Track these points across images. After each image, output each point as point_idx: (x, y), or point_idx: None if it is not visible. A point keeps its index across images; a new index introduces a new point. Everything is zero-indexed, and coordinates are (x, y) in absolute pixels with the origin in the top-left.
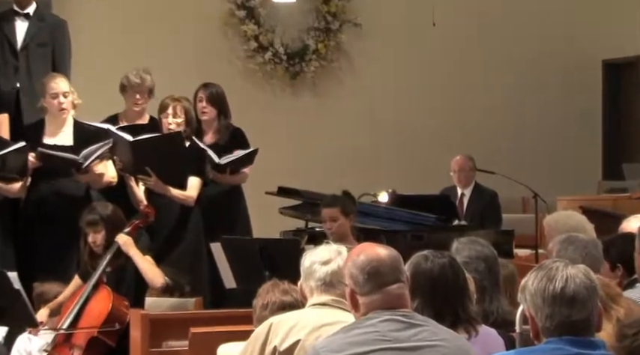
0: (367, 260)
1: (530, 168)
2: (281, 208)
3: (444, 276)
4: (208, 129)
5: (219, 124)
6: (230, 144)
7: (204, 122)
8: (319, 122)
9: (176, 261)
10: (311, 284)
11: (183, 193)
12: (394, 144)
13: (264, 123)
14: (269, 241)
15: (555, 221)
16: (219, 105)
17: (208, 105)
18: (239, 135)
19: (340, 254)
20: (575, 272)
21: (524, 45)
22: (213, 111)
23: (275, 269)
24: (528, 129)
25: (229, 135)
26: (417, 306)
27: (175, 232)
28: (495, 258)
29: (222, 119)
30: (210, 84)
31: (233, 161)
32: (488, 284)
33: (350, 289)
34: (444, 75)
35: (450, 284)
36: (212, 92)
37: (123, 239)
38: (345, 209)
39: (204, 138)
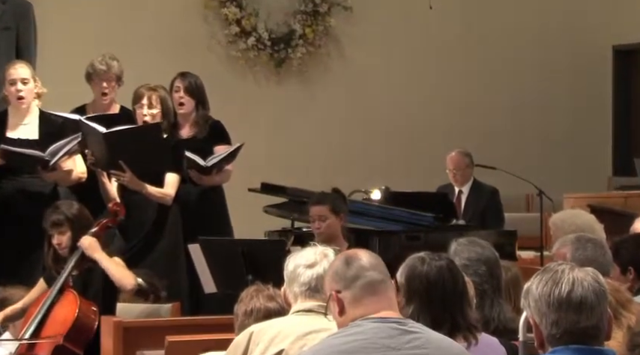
0: (345, 255)
1: (534, 163)
2: (265, 206)
3: (441, 280)
4: (185, 122)
5: (197, 116)
6: (209, 138)
7: (181, 114)
8: (306, 113)
9: (152, 263)
10: (295, 290)
11: (161, 190)
12: (388, 138)
13: (246, 114)
14: (252, 242)
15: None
16: (198, 96)
17: (186, 95)
18: (218, 128)
19: (326, 256)
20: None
21: (529, 30)
22: (192, 102)
23: (259, 273)
24: (532, 121)
25: (208, 129)
26: (412, 312)
27: (151, 233)
28: (497, 261)
29: (201, 110)
30: (188, 73)
31: (220, 161)
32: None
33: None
34: (442, 62)
35: (447, 288)
36: (190, 82)
37: (87, 242)
38: (335, 207)
39: (181, 131)
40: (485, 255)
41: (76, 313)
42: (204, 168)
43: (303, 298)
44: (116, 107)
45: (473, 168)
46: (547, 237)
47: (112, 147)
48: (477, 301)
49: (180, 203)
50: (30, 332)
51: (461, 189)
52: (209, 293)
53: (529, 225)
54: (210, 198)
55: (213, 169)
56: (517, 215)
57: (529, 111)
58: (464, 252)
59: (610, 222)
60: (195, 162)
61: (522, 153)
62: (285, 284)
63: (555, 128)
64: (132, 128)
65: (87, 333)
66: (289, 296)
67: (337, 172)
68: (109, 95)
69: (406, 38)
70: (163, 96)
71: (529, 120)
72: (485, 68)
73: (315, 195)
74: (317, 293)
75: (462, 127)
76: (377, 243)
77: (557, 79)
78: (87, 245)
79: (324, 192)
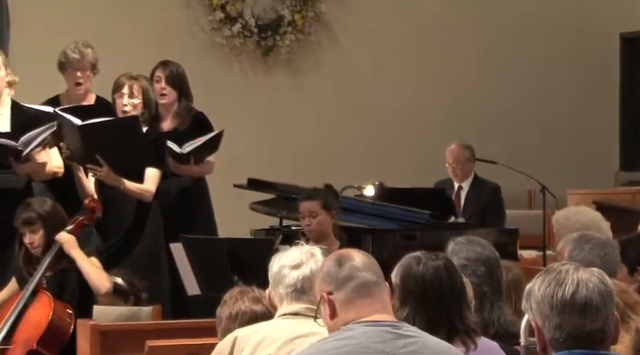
0: (337, 255)
1: (536, 157)
2: (252, 203)
3: (438, 281)
4: (166, 114)
5: (179, 108)
6: (191, 130)
7: (163, 105)
8: (295, 105)
9: (131, 263)
10: (280, 292)
11: (140, 186)
12: (382, 131)
13: (231, 105)
14: (238, 241)
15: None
16: (180, 86)
17: (168, 86)
18: (201, 119)
19: (313, 256)
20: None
21: (532, 17)
22: (173, 93)
23: (245, 274)
24: (535, 113)
25: (190, 120)
26: (408, 315)
27: (130, 231)
28: (497, 261)
29: (183, 101)
30: (169, 62)
31: (196, 148)
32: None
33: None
34: (440, 51)
35: (445, 289)
36: (172, 71)
37: (64, 237)
38: (327, 203)
39: (162, 123)
40: (484, 254)
41: (50, 316)
42: (180, 156)
43: (289, 300)
44: (92, 97)
45: (474, 163)
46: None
47: (87, 140)
48: (476, 303)
49: (161, 199)
50: (1, 336)
51: (461, 185)
52: (192, 295)
53: (531, 222)
54: (193, 194)
55: (190, 158)
56: (519, 212)
57: (531, 102)
58: (462, 251)
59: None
60: (171, 150)
61: (524, 147)
62: (270, 286)
63: (559, 120)
64: (109, 120)
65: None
66: (274, 298)
67: (328, 167)
68: (83, 85)
69: (401, 25)
70: (145, 86)
71: (531, 112)
72: (485, 57)
73: (305, 190)
74: (304, 295)
75: (460, 119)
76: (370, 242)
77: (561, 68)
78: (65, 241)
79: (316, 188)
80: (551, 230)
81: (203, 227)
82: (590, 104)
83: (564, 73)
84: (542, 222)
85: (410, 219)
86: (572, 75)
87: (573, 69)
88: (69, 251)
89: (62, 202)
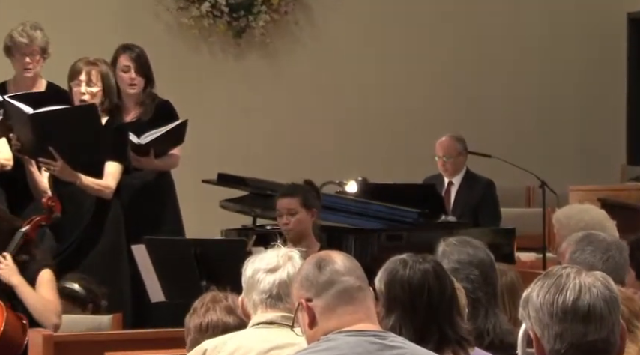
0: (316, 257)
1: (535, 150)
2: (222, 201)
3: (426, 286)
4: (129, 102)
5: (143, 95)
6: (155, 121)
7: (128, 95)
8: (271, 92)
9: (89, 267)
10: (254, 298)
11: (99, 182)
12: (366, 121)
13: (200, 93)
14: (207, 242)
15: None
16: (147, 73)
17: (138, 75)
18: (167, 108)
19: (291, 259)
20: (591, 280)
21: None
22: (142, 81)
23: (214, 279)
24: (534, 102)
25: (154, 109)
26: (394, 324)
27: (88, 231)
28: (492, 264)
29: (148, 89)
30: (133, 46)
31: (157, 139)
32: (484, 296)
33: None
34: (432, 34)
35: (434, 295)
36: (140, 58)
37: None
38: (307, 201)
39: (125, 113)
40: (478, 256)
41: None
42: (139, 147)
43: (263, 308)
44: (42, 83)
45: (466, 157)
46: (550, 236)
47: (40, 131)
48: (470, 311)
49: (122, 197)
50: None
51: (451, 181)
52: (156, 302)
53: (529, 222)
54: (157, 190)
55: (149, 149)
56: (516, 210)
57: (530, 91)
58: (453, 253)
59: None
60: (129, 141)
61: (521, 139)
62: (243, 292)
63: (560, 109)
64: (63, 109)
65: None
66: (248, 305)
67: (307, 161)
68: (32, 70)
69: (388, 5)
70: (104, 72)
71: (530, 101)
72: (480, 38)
73: (283, 187)
74: (280, 301)
75: (451, 109)
76: (353, 244)
77: (563, 51)
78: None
79: (294, 184)
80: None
81: (169, 227)
82: (595, 92)
83: (566, 58)
84: (541, 221)
85: (396, 218)
86: (576, 62)
87: (577, 55)
88: (8, 280)
89: (11, 199)
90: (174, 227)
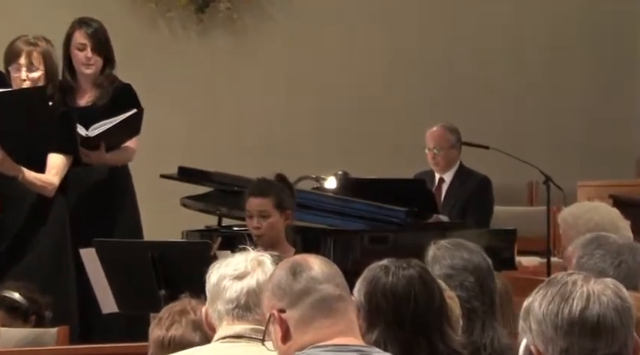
0: (291, 262)
1: (539, 141)
2: (183, 198)
3: (412, 294)
4: (84, 84)
5: (100, 77)
6: (113, 106)
7: (84, 75)
8: (238, 75)
9: (29, 274)
10: (219, 308)
11: (41, 177)
12: (347, 109)
13: (158, 75)
14: (166, 245)
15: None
16: (106, 51)
17: (95, 54)
18: (126, 94)
19: (261, 265)
20: (601, 288)
21: None
22: (100, 61)
23: (175, 287)
24: (538, 88)
25: (112, 94)
26: (377, 339)
27: (29, 232)
28: (490, 269)
29: (107, 69)
30: (89, 20)
31: (108, 131)
32: (480, 307)
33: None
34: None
35: (420, 304)
36: (98, 34)
37: None
38: (281, 201)
39: (76, 97)
40: (473, 261)
41: None
42: (87, 140)
43: (230, 319)
44: None
45: (460, 150)
46: (556, 239)
47: None
48: (464, 323)
49: (68, 193)
50: None
51: (442, 177)
52: (108, 313)
53: (532, 222)
54: (111, 186)
55: (100, 142)
56: (517, 209)
57: (533, 75)
58: (446, 258)
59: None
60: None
61: (524, 129)
62: (208, 301)
63: (567, 96)
64: (4, 92)
65: None
66: (212, 317)
67: (280, 153)
68: None
69: None
70: (46, 52)
71: (533, 87)
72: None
73: (253, 183)
74: (248, 312)
75: (444, 96)
76: (332, 247)
77: (569, 31)
78: None
79: (267, 180)
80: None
81: (124, 228)
82: (606, 78)
83: (574, 41)
84: (545, 221)
85: (381, 217)
86: (584, 42)
87: (585, 35)
88: None
89: None
90: (131, 228)
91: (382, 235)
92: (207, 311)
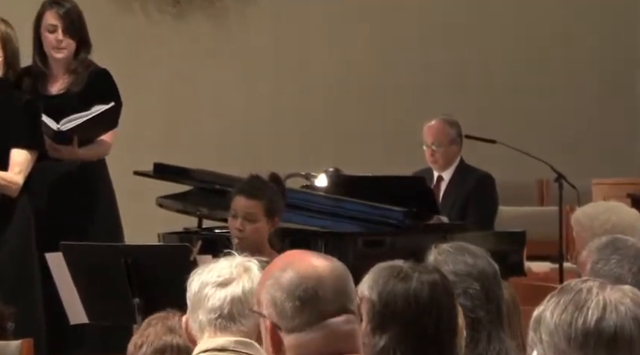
0: (299, 277)
1: (550, 136)
2: (160, 197)
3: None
4: (57, 69)
5: (74, 62)
6: (88, 93)
7: (55, 60)
8: (219, 62)
9: None
10: (201, 318)
11: (4, 175)
12: (338, 99)
13: (132, 62)
14: (141, 249)
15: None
16: (80, 34)
17: (66, 37)
18: (102, 80)
19: (248, 271)
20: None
21: None
22: (73, 44)
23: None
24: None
25: (87, 80)
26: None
27: None
28: (496, 276)
29: (82, 53)
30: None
31: (82, 125)
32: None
33: (270, 323)
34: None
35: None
36: (71, 15)
37: None
38: (272, 207)
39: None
40: (478, 267)
41: None
42: (58, 134)
43: (212, 331)
44: None
45: (460, 146)
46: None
47: None
48: (468, 334)
49: (34, 191)
50: None
51: (441, 175)
52: (76, 323)
53: (543, 223)
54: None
55: (72, 137)
56: (526, 209)
57: (543, 66)
58: (448, 263)
59: None
60: (46, 126)
61: (533, 123)
62: (188, 310)
63: (581, 87)
64: None
65: None
66: (193, 327)
67: (265, 147)
68: None
69: None
70: (5, 35)
71: (543, 78)
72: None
73: (245, 181)
74: (232, 323)
75: (447, 87)
76: (322, 251)
77: (582, 20)
78: None
79: (260, 181)
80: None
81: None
82: (623, 66)
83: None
84: (557, 222)
85: (376, 218)
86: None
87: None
88: None
89: None
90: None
91: (378, 238)
92: (187, 322)
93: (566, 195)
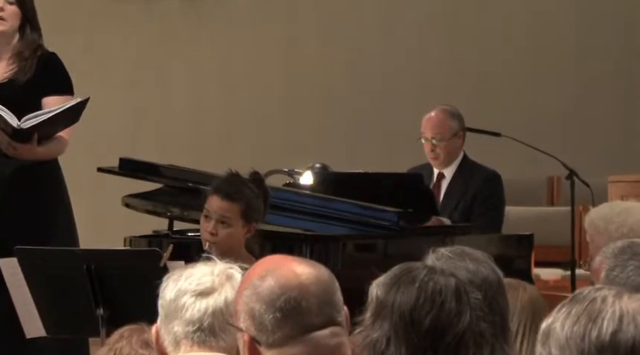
0: (280, 286)
1: (560, 128)
2: (126, 196)
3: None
4: None
5: (20, 43)
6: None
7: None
8: (193, 45)
9: None
10: (176, 330)
11: None
12: (325, 88)
13: (94, 47)
14: (105, 254)
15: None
16: (26, 8)
17: (8, 3)
18: (53, 65)
19: (230, 279)
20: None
21: None
22: (17, 16)
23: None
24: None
25: (36, 66)
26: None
27: None
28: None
29: (28, 33)
30: None
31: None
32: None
33: (248, 337)
34: None
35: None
36: None
37: None
38: (249, 211)
39: None
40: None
41: None
42: (18, 132)
43: (189, 345)
44: None
45: (463, 139)
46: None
47: None
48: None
49: None
50: None
51: (442, 172)
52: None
53: (553, 225)
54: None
55: (32, 135)
56: (535, 210)
57: (554, 54)
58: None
59: None
60: (4, 121)
61: (543, 115)
62: (160, 319)
63: (594, 78)
64: None
65: None
66: (165, 339)
67: (243, 141)
68: None
69: None
70: None
71: (554, 67)
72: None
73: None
74: (212, 337)
75: (448, 75)
76: (308, 256)
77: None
78: None
79: (239, 180)
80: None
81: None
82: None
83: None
84: (569, 224)
85: (368, 220)
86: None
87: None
88: None
89: None
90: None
91: (369, 242)
92: (158, 333)
93: (578, 193)
